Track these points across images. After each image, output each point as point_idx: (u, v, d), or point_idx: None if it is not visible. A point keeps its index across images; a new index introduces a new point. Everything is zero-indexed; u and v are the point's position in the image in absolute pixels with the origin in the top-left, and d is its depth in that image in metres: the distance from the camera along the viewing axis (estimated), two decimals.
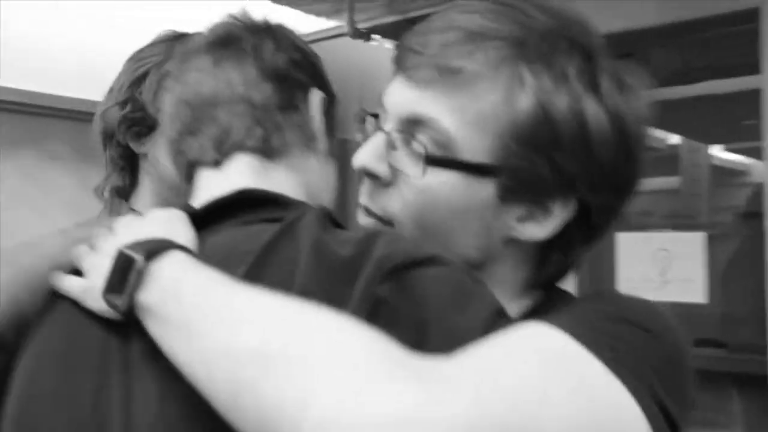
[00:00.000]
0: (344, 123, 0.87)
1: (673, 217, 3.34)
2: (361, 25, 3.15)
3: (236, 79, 0.77)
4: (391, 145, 0.72)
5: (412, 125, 0.71)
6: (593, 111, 0.68)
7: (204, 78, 0.78)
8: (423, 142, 0.70)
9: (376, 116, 0.76)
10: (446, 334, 0.57)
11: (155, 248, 0.64)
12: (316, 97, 0.80)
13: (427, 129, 0.70)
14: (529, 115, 0.67)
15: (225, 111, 0.76)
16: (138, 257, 0.63)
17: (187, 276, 0.62)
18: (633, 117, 0.71)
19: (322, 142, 0.80)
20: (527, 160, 0.68)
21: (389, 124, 0.73)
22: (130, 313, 0.63)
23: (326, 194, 0.82)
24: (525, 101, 0.67)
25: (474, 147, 0.69)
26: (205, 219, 0.72)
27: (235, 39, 0.79)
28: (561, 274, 0.78)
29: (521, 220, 0.72)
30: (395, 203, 0.72)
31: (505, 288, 0.74)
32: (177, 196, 1.17)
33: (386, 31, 3.24)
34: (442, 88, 0.69)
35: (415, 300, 0.58)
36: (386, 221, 0.73)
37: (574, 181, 0.70)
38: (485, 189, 0.70)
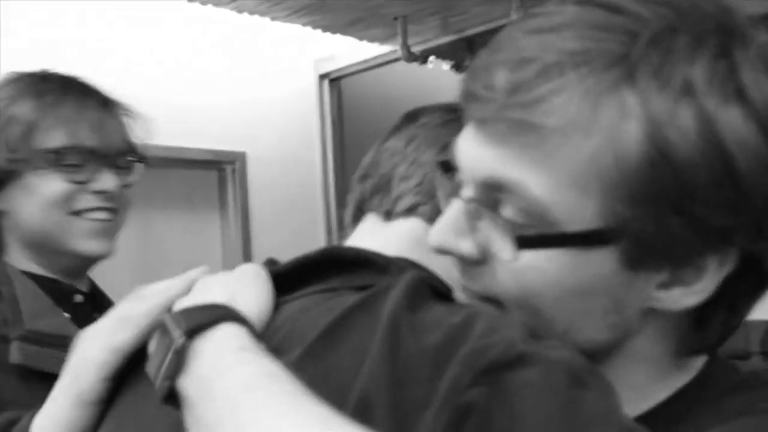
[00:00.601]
0: None
1: None
2: (416, 48, 3.11)
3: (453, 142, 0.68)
4: (472, 216, 0.56)
5: (493, 191, 0.54)
6: (737, 129, 0.49)
7: (421, 132, 0.69)
8: (510, 216, 0.53)
9: (450, 170, 0.59)
10: None
11: (203, 322, 0.54)
12: None
13: (512, 196, 0.53)
14: (638, 157, 0.49)
15: (423, 170, 0.67)
16: (177, 334, 0.53)
17: (228, 364, 0.52)
18: None
19: None
20: (651, 218, 0.50)
21: (467, 189, 0.56)
22: (172, 396, 0.54)
23: None
24: (630, 139, 0.49)
25: (577, 212, 0.51)
26: (296, 279, 0.63)
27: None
28: (725, 336, 0.59)
29: (664, 286, 0.54)
30: (494, 285, 0.56)
31: (650, 366, 0.59)
32: (46, 249, 1.08)
33: (442, 52, 3.19)
34: (522, 144, 0.52)
35: (513, 412, 0.45)
36: (491, 300, 0.57)
37: (727, 233, 0.51)
38: (605, 261, 0.52)
